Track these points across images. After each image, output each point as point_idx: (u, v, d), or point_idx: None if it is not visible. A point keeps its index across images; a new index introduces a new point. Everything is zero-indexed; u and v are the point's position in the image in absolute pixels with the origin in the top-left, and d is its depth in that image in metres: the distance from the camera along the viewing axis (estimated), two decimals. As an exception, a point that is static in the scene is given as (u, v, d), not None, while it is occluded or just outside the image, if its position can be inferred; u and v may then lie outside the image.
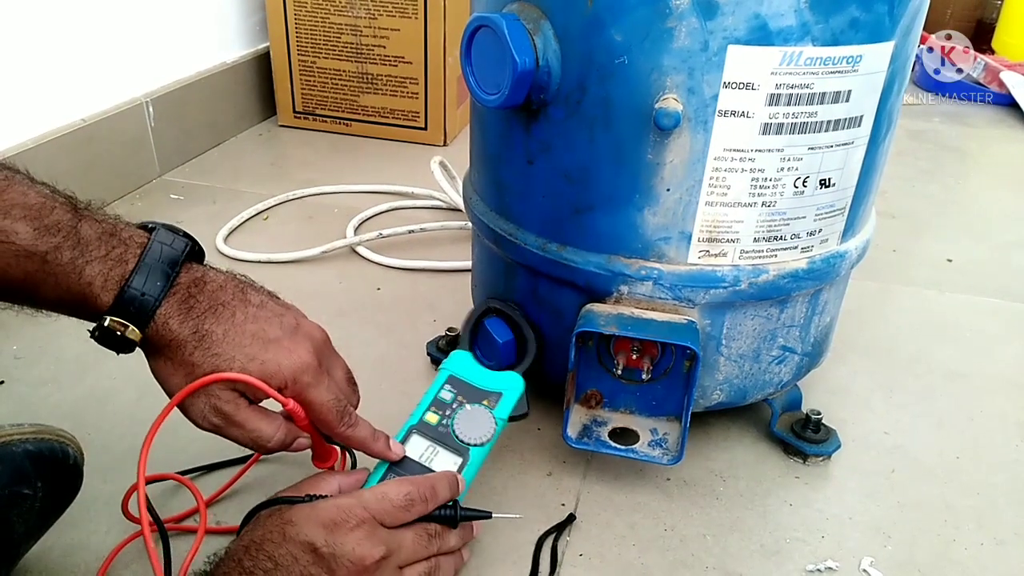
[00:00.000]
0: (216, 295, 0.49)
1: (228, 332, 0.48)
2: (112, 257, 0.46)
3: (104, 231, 0.47)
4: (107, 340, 0.48)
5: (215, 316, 0.48)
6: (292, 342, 0.51)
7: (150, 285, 0.46)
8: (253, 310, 0.50)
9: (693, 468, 0.70)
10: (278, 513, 0.48)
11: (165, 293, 0.47)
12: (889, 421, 0.77)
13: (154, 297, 0.46)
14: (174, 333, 0.47)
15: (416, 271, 1.02)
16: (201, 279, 0.49)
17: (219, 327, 0.48)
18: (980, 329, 0.95)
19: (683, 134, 0.55)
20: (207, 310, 0.48)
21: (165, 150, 1.27)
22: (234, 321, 0.49)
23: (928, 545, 0.63)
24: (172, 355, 0.48)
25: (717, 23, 0.51)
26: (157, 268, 0.47)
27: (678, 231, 0.58)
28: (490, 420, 0.60)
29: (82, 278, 0.46)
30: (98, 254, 0.46)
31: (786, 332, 0.66)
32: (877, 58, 0.55)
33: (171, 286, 0.47)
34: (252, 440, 0.51)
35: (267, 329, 0.50)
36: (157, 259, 0.47)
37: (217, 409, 0.49)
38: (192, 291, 0.48)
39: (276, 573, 0.44)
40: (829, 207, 0.60)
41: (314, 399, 0.51)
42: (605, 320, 0.60)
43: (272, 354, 0.49)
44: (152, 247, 0.47)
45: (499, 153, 0.66)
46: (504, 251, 0.67)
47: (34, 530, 0.54)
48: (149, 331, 0.47)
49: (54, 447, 0.54)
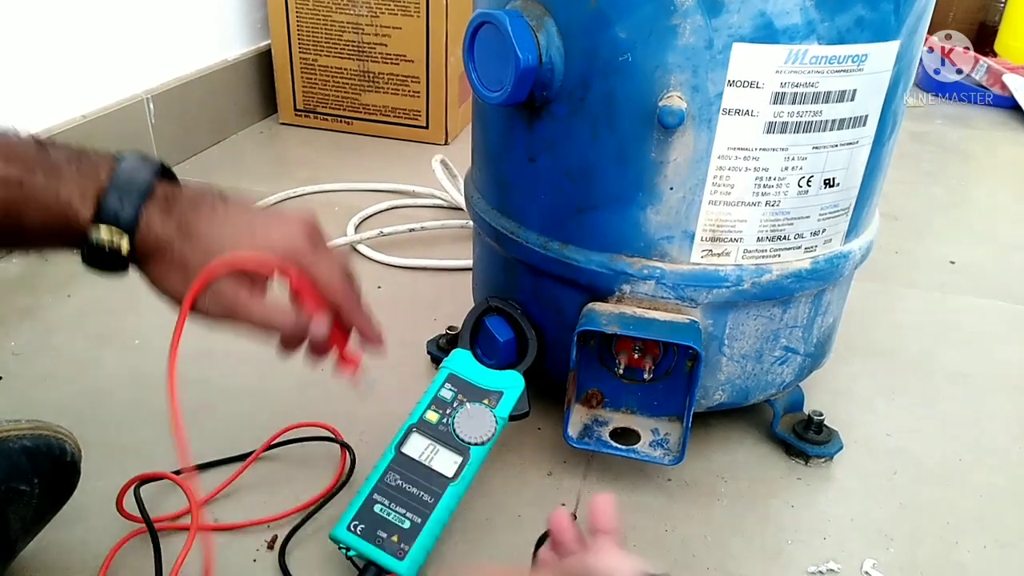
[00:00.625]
0: (195, 199, 0.48)
1: (213, 224, 0.47)
2: (85, 174, 0.46)
3: (72, 154, 0.47)
4: (97, 258, 0.47)
5: (196, 212, 0.47)
6: (281, 223, 0.49)
7: (127, 195, 0.46)
8: (234, 206, 0.49)
9: (694, 469, 0.69)
10: None
11: (144, 200, 0.46)
12: (892, 423, 0.77)
13: (133, 204, 0.46)
14: (158, 234, 0.46)
15: (417, 269, 1.01)
16: (177, 189, 0.48)
17: (202, 221, 0.47)
18: (983, 331, 0.95)
19: (687, 132, 0.54)
20: (188, 209, 0.47)
21: (165, 147, 1.27)
22: (215, 215, 0.48)
23: (930, 547, 0.63)
24: (162, 258, 0.47)
25: (722, 20, 0.51)
26: (131, 180, 0.46)
27: (681, 230, 0.58)
28: (491, 419, 0.59)
29: (60, 197, 0.45)
30: (71, 174, 0.46)
31: (789, 332, 0.65)
32: (882, 57, 0.55)
33: (148, 194, 0.46)
34: (265, 327, 0.49)
35: (253, 218, 0.49)
36: (129, 173, 0.46)
37: (219, 302, 0.48)
38: (169, 197, 0.47)
39: None
40: (833, 207, 0.60)
41: (316, 271, 0.49)
42: (607, 319, 0.60)
43: (262, 235, 0.48)
44: (122, 164, 0.47)
45: (501, 151, 0.65)
46: (505, 249, 0.67)
47: (31, 527, 0.54)
48: (136, 239, 0.46)
49: (51, 443, 0.53)
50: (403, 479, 0.56)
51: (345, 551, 0.55)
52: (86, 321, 0.87)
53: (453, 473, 0.57)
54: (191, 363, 0.80)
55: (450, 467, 0.57)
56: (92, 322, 0.87)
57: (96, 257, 0.46)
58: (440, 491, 0.56)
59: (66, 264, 0.98)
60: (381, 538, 0.54)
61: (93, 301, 0.91)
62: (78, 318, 0.88)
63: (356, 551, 0.54)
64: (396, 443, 0.58)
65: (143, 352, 0.82)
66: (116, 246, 0.46)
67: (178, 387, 0.48)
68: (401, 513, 0.55)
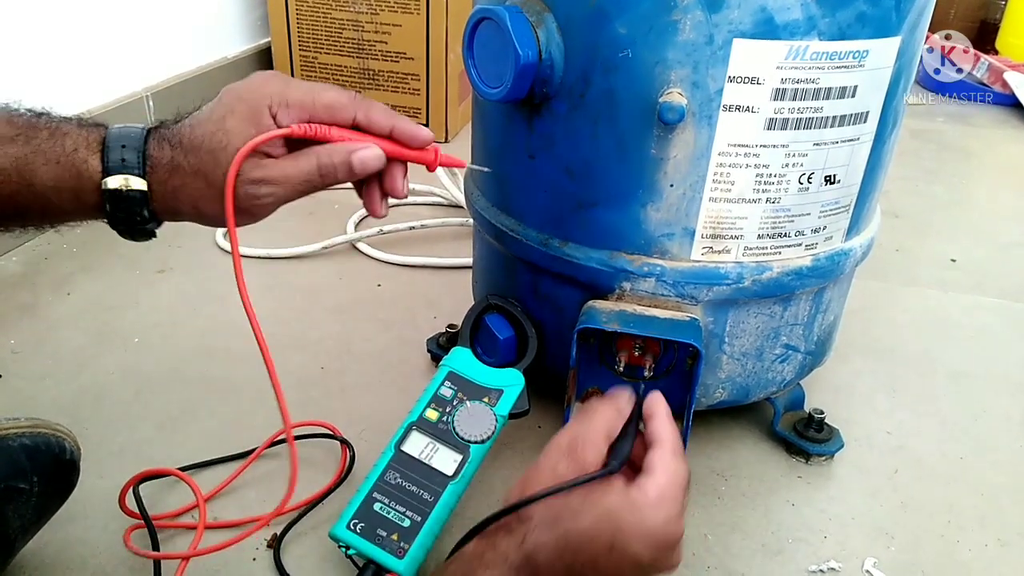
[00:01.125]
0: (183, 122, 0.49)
1: (203, 126, 0.48)
2: (84, 127, 0.48)
3: (65, 117, 0.49)
4: (120, 210, 0.48)
5: (191, 128, 0.48)
6: (250, 87, 0.50)
7: (127, 139, 0.47)
8: (209, 105, 0.50)
9: (695, 467, 0.69)
10: (606, 509, 0.46)
11: (144, 140, 0.48)
12: (892, 421, 0.77)
13: (135, 148, 0.47)
14: (167, 161, 0.48)
15: (417, 267, 1.01)
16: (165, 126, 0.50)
17: (195, 131, 0.48)
18: (984, 329, 0.94)
19: (687, 129, 0.54)
20: (182, 130, 0.49)
21: (165, 145, 1.27)
22: (199, 119, 0.49)
23: (931, 546, 0.63)
24: (180, 182, 0.48)
25: (722, 16, 0.51)
26: (126, 129, 0.48)
27: (681, 227, 0.58)
28: (490, 417, 0.59)
29: (66, 149, 0.47)
30: (72, 128, 0.48)
31: (789, 330, 0.65)
32: (883, 53, 0.55)
33: (145, 136, 0.48)
34: (315, 179, 0.50)
35: (230, 103, 0.49)
36: (121, 127, 0.48)
37: (254, 192, 0.49)
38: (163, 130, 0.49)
39: None
40: (834, 204, 0.60)
41: (319, 108, 0.49)
42: (607, 317, 0.59)
43: (247, 109, 0.48)
44: (113, 125, 0.49)
45: (501, 148, 0.65)
46: (505, 247, 0.67)
47: (30, 525, 0.53)
48: (148, 175, 0.48)
49: (50, 441, 0.53)
50: (403, 477, 0.56)
51: (345, 549, 0.54)
52: (85, 319, 0.87)
53: (453, 471, 0.57)
54: (190, 361, 0.81)
55: (450, 465, 0.57)
56: (91, 320, 0.87)
57: (118, 209, 0.48)
58: (440, 489, 0.56)
59: (66, 262, 0.98)
60: (381, 536, 0.54)
61: (93, 299, 0.91)
62: (78, 316, 0.87)
63: (356, 549, 0.54)
64: (396, 441, 0.58)
65: (142, 350, 0.82)
66: (131, 189, 0.47)
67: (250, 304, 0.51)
68: (401, 511, 0.55)
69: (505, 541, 0.45)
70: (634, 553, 0.45)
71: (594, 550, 0.45)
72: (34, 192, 0.47)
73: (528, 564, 0.44)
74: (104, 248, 1.02)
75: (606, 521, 0.45)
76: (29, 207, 0.48)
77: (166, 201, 0.49)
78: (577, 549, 0.45)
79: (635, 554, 0.45)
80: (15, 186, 0.47)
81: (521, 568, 0.44)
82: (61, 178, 0.47)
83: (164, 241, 1.03)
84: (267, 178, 0.49)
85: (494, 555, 0.45)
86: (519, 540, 0.45)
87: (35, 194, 0.47)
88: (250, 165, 0.48)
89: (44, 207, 0.48)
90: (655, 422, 0.50)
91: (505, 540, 0.46)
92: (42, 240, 1.03)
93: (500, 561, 0.45)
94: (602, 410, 0.52)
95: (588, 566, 0.45)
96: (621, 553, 0.45)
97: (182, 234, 1.06)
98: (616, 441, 0.50)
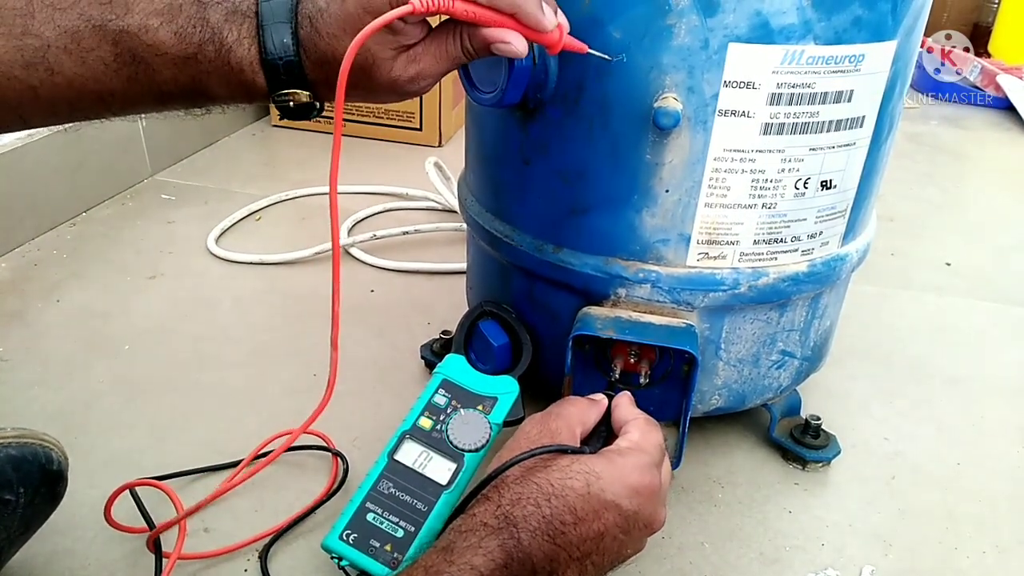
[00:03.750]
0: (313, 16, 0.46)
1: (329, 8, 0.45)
2: (244, 33, 0.46)
3: (227, 10, 0.46)
4: (292, 114, 0.48)
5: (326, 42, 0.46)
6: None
7: (279, 44, 0.45)
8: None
9: (691, 474, 0.69)
10: (580, 463, 0.48)
11: (296, 47, 0.46)
12: (889, 427, 0.76)
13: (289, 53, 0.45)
14: (318, 69, 0.46)
15: (410, 273, 1.01)
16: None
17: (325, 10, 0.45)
18: (980, 333, 0.94)
19: (682, 134, 0.54)
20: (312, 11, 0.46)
21: (156, 149, 1.26)
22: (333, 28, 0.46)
23: (929, 553, 0.62)
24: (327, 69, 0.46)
25: (718, 20, 0.50)
26: (276, 28, 0.45)
27: (677, 233, 0.57)
28: (485, 425, 0.59)
29: (231, 66, 0.46)
30: (233, 38, 0.46)
31: (786, 336, 0.65)
32: (879, 58, 0.54)
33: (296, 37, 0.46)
34: (462, 61, 0.48)
35: None
36: (272, 35, 0.46)
37: (414, 88, 0.48)
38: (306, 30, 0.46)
39: (577, 528, 0.45)
40: (830, 209, 0.59)
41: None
42: (602, 323, 0.59)
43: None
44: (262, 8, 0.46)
45: (495, 153, 0.65)
46: (499, 253, 0.66)
47: (16, 537, 0.53)
48: (312, 88, 0.47)
49: (37, 452, 0.52)
50: (396, 487, 0.56)
51: (337, 561, 0.54)
52: (75, 326, 0.86)
53: (447, 480, 0.56)
54: (182, 368, 0.80)
55: (444, 474, 0.56)
56: (81, 327, 0.86)
57: (290, 115, 0.48)
58: (434, 499, 0.55)
59: (55, 268, 0.97)
60: (374, 547, 0.53)
61: (82, 305, 0.90)
62: (67, 323, 0.87)
63: (348, 560, 0.53)
64: (389, 450, 0.58)
65: (132, 358, 0.81)
66: (301, 103, 0.47)
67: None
68: (394, 522, 0.54)
69: (482, 507, 0.46)
70: (612, 498, 0.46)
71: (570, 497, 0.45)
72: (210, 99, 0.48)
73: (507, 522, 0.44)
74: (94, 254, 1.01)
75: (579, 470, 0.47)
76: (196, 105, 0.49)
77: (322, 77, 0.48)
78: (552, 495, 0.45)
79: (613, 499, 0.46)
80: (188, 96, 0.48)
81: (500, 529, 0.44)
82: (235, 93, 0.47)
83: (155, 247, 1.03)
84: (420, 73, 0.48)
85: (471, 522, 0.45)
86: (495, 504, 0.45)
87: (207, 100, 0.48)
88: (402, 64, 0.47)
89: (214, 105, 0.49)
90: (620, 409, 0.56)
91: (482, 506, 0.46)
92: (31, 246, 1.02)
93: (478, 526, 0.45)
94: (577, 400, 0.57)
95: (567, 512, 0.45)
96: (598, 498, 0.46)
97: (173, 240, 1.06)
98: (589, 436, 0.54)
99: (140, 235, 1.07)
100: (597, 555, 0.46)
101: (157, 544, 0.56)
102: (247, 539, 0.60)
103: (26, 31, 0.43)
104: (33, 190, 1.04)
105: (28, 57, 0.44)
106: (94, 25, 0.44)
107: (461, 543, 0.44)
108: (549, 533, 0.44)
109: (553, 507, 0.45)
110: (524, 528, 0.44)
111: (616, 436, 0.54)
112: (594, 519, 0.46)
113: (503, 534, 0.44)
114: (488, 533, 0.44)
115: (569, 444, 0.51)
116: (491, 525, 0.44)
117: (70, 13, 0.44)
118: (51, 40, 0.44)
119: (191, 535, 0.59)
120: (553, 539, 0.44)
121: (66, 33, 0.44)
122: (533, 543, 0.44)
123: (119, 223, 1.10)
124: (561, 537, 0.44)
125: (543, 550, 0.44)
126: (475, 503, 0.47)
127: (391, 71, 0.47)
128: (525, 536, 0.44)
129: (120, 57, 0.45)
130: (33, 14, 0.43)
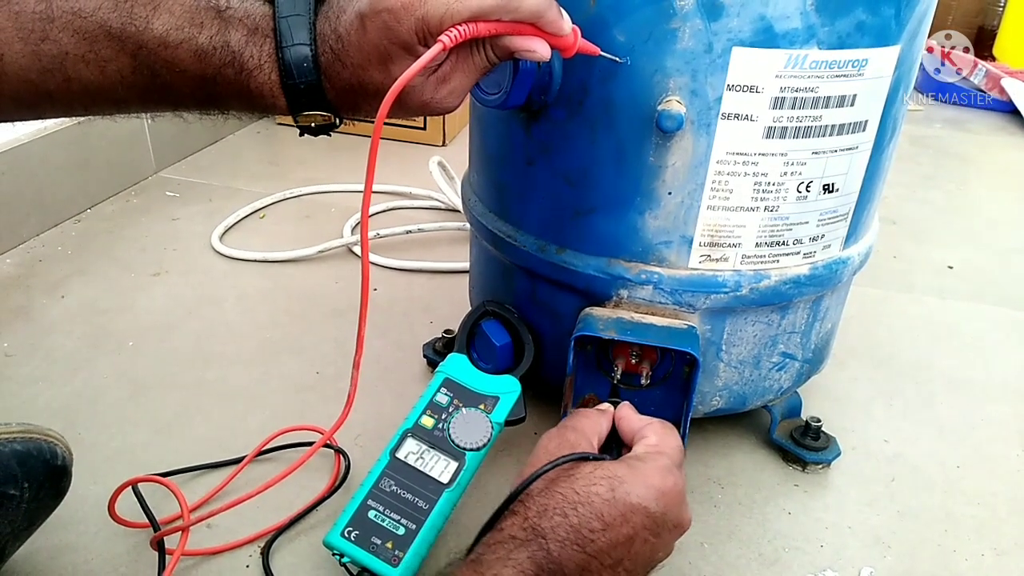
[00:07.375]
0: (334, 26, 0.46)
1: (350, 37, 0.46)
2: (264, 57, 0.46)
3: (248, 30, 0.46)
4: (311, 132, 0.51)
5: (341, 27, 0.46)
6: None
7: (300, 69, 0.46)
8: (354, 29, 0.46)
9: (691, 475, 0.69)
10: (602, 468, 0.48)
11: (317, 73, 0.46)
12: (889, 429, 0.77)
13: (311, 77, 0.46)
14: (341, 96, 0.48)
15: (413, 272, 1.01)
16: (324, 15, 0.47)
17: (345, 39, 0.46)
18: (981, 336, 0.94)
19: (686, 137, 0.54)
20: (332, 39, 0.46)
21: (161, 147, 1.26)
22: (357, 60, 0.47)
23: (928, 555, 0.63)
24: (352, 95, 0.48)
25: (722, 24, 0.50)
26: (295, 51, 0.45)
27: (679, 235, 0.58)
28: (486, 424, 0.59)
29: (251, 91, 0.47)
30: (253, 64, 0.46)
31: (787, 338, 0.65)
32: (883, 62, 0.54)
33: (317, 60, 0.46)
34: (487, 70, 0.49)
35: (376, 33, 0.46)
36: (293, 62, 0.46)
37: (442, 107, 0.49)
38: (327, 57, 0.47)
39: (606, 534, 0.45)
40: (832, 212, 0.59)
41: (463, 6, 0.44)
42: (604, 324, 0.59)
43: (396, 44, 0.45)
44: (280, 27, 0.45)
45: (499, 154, 0.65)
46: (502, 253, 0.67)
47: (21, 531, 0.53)
48: (334, 111, 0.49)
49: (42, 447, 0.53)
50: (398, 485, 0.56)
51: (339, 558, 0.54)
52: (80, 322, 0.86)
53: (448, 479, 0.56)
54: (186, 365, 0.80)
55: (445, 473, 0.57)
56: (86, 323, 0.86)
57: (310, 132, 0.51)
58: (435, 497, 0.55)
59: (60, 264, 0.98)
60: (375, 544, 0.53)
61: (87, 302, 0.90)
62: (72, 319, 0.87)
63: (350, 557, 0.53)
64: (391, 448, 0.58)
65: (136, 354, 0.82)
66: (322, 124, 0.50)
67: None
68: (396, 519, 0.54)
69: (509, 521, 0.46)
70: (638, 501, 0.46)
71: (596, 503, 0.45)
72: (223, 113, 0.50)
73: (535, 534, 0.44)
74: (99, 251, 1.01)
75: (603, 476, 0.47)
76: (212, 114, 0.51)
77: (341, 111, 0.50)
78: (578, 503, 0.45)
79: (639, 502, 0.46)
80: (205, 108, 0.50)
81: (529, 541, 0.44)
82: (252, 113, 0.49)
83: (159, 244, 1.04)
84: (452, 91, 0.48)
85: (499, 536, 0.45)
86: (522, 517, 0.45)
87: (225, 113, 0.50)
88: (432, 86, 0.47)
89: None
90: (626, 420, 0.56)
91: (509, 520, 0.46)
92: (36, 242, 1.02)
93: (507, 539, 0.44)
94: (589, 412, 0.57)
95: (594, 519, 0.45)
96: (624, 502, 0.46)
97: (178, 237, 1.06)
98: (601, 448, 0.54)
99: (144, 232, 1.07)
100: (629, 560, 0.45)
101: (160, 540, 0.57)
102: (249, 535, 0.60)
103: (45, 36, 0.43)
104: (38, 186, 1.04)
105: (45, 64, 0.44)
106: (113, 34, 0.44)
107: (490, 556, 0.44)
108: (578, 542, 0.44)
109: (580, 515, 0.45)
110: (553, 539, 0.44)
111: (624, 446, 0.55)
112: (622, 523, 0.45)
113: (532, 546, 0.43)
114: (517, 546, 0.44)
115: (590, 452, 0.51)
116: (519, 538, 0.44)
117: (90, 20, 0.44)
118: (69, 48, 0.44)
119: (194, 531, 0.60)
120: (583, 548, 0.44)
121: (85, 41, 0.44)
122: (563, 553, 0.43)
123: (124, 220, 1.11)
124: (591, 545, 0.44)
125: (574, 560, 0.43)
126: (503, 518, 0.46)
127: (423, 95, 0.47)
128: (555, 547, 0.43)
129: (138, 70, 0.45)
130: (52, 19, 0.43)
